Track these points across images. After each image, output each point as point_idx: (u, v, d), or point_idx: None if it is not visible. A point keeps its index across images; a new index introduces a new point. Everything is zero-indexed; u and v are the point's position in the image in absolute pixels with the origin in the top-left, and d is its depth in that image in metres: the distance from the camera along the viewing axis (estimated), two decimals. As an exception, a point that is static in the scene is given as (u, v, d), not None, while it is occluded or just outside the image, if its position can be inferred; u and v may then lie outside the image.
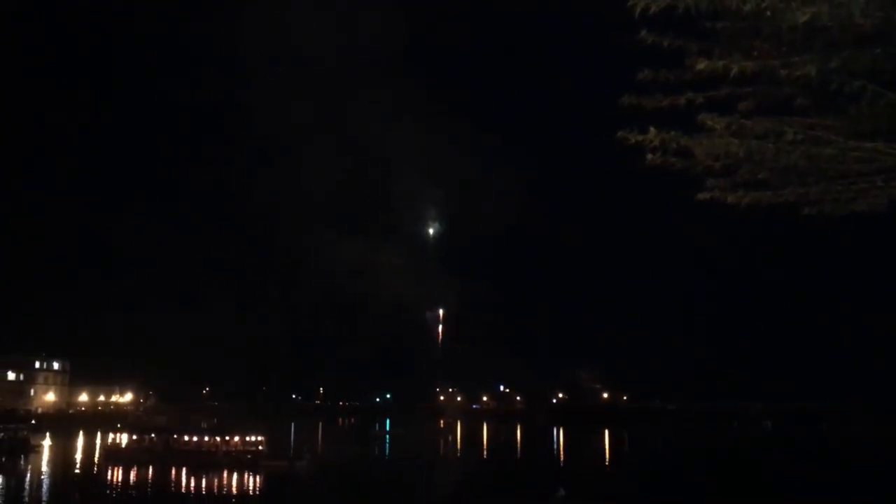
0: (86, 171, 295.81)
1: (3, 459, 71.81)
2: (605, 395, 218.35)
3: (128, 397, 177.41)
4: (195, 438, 71.53)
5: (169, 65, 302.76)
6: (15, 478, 60.84)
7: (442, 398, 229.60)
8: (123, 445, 74.42)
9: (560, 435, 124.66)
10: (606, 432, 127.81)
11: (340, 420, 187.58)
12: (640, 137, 6.40)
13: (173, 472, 61.24)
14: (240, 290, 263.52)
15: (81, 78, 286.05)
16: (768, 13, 5.21)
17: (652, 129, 6.36)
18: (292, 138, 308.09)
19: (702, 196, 6.83)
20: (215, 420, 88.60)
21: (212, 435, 71.80)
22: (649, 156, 6.51)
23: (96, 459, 75.04)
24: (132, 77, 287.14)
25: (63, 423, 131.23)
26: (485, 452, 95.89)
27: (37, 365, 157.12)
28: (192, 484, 57.24)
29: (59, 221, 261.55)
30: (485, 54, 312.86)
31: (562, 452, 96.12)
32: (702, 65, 5.85)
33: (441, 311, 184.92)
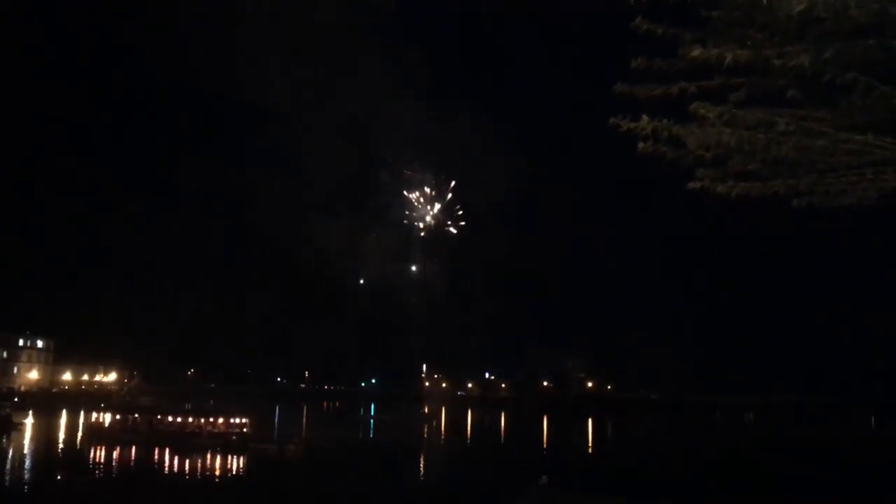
0: (71, 151, 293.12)
1: (-14, 437, 71.60)
2: (590, 385, 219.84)
3: (112, 377, 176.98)
4: (179, 419, 71.41)
5: (154, 48, 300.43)
6: (-3, 455, 60.69)
7: (427, 384, 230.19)
8: (107, 425, 74.27)
9: (545, 423, 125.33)
10: (590, 421, 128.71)
11: (326, 404, 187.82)
12: (632, 125, 6.39)
13: (156, 452, 61.20)
14: (227, 271, 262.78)
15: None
16: (764, 2, 5.20)
17: (644, 116, 6.36)
18: (279, 118, 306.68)
19: (692, 185, 6.84)
20: (211, 401, 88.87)
21: (196, 416, 71.69)
22: (641, 144, 6.51)
23: (79, 438, 74.91)
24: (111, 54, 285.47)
25: (46, 401, 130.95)
26: (468, 439, 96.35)
27: (20, 343, 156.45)
28: (176, 465, 57.20)
29: (44, 200, 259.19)
30: (476, 38, 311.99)
31: (546, 440, 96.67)
32: (696, 52, 5.84)
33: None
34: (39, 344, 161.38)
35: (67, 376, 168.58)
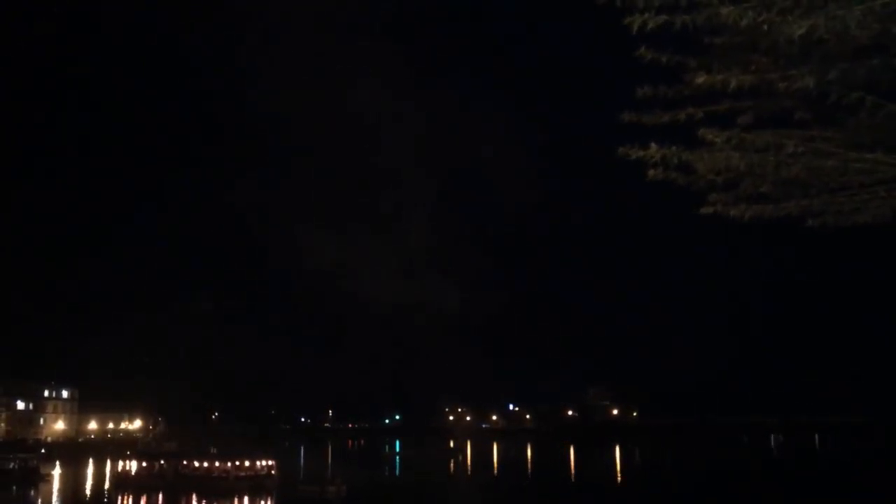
0: (89, 192, 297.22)
1: (14, 489, 71.64)
2: (615, 412, 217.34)
3: (137, 424, 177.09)
4: (205, 464, 71.16)
5: (152, 59, 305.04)
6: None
7: (450, 418, 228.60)
8: (133, 472, 74.16)
9: (571, 452, 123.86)
10: (617, 449, 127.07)
11: (350, 442, 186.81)
12: (641, 153, 6.42)
13: (184, 498, 60.98)
14: (247, 313, 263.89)
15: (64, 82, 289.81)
16: (765, 27, 5.23)
17: (653, 144, 6.39)
18: (283, 144, 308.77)
19: (704, 210, 6.85)
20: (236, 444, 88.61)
21: (222, 460, 71.42)
22: (651, 171, 6.53)
23: (106, 487, 74.81)
24: (111, 74, 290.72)
25: (73, 451, 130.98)
26: (495, 472, 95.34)
27: (46, 393, 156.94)
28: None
29: (63, 248, 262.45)
30: (485, 66, 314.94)
31: (573, 470, 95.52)
32: (701, 79, 5.88)
33: None
34: (64, 394, 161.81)
35: (93, 425, 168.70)
